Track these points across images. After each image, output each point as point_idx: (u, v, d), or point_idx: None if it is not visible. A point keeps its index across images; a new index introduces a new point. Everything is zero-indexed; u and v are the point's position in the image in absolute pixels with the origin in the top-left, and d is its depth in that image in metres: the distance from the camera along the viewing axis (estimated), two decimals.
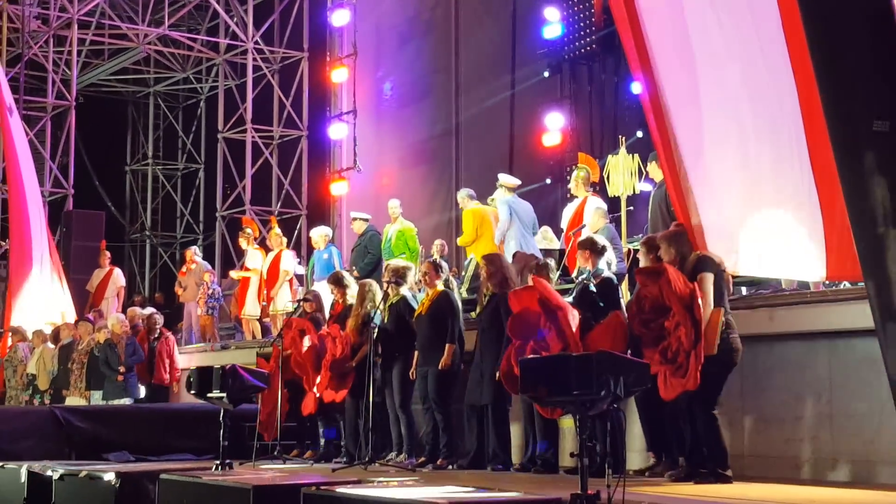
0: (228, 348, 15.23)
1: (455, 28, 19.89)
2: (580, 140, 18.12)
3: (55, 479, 8.74)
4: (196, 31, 24.70)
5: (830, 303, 7.92)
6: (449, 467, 9.21)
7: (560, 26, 17.83)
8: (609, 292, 8.24)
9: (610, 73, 17.84)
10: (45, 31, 22.29)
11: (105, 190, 26.43)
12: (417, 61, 20.41)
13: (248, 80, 22.70)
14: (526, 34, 18.70)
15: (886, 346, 3.62)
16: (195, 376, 9.43)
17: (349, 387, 9.99)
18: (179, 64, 25.75)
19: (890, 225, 3.54)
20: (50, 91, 22.22)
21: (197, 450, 10.66)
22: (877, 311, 3.60)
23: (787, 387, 8.00)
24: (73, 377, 14.54)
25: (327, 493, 6.63)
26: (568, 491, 5.80)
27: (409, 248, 13.57)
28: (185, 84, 26.95)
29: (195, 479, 7.75)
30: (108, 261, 17.79)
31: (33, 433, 10.50)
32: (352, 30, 20.66)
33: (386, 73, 21.00)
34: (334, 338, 10.11)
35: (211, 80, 25.84)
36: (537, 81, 18.57)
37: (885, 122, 3.52)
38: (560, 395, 5.94)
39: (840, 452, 7.63)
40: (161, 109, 28.07)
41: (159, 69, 26.13)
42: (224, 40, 23.72)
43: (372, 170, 20.31)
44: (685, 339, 7.21)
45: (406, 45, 20.59)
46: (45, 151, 22.34)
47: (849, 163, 3.65)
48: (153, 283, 27.24)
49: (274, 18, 23.10)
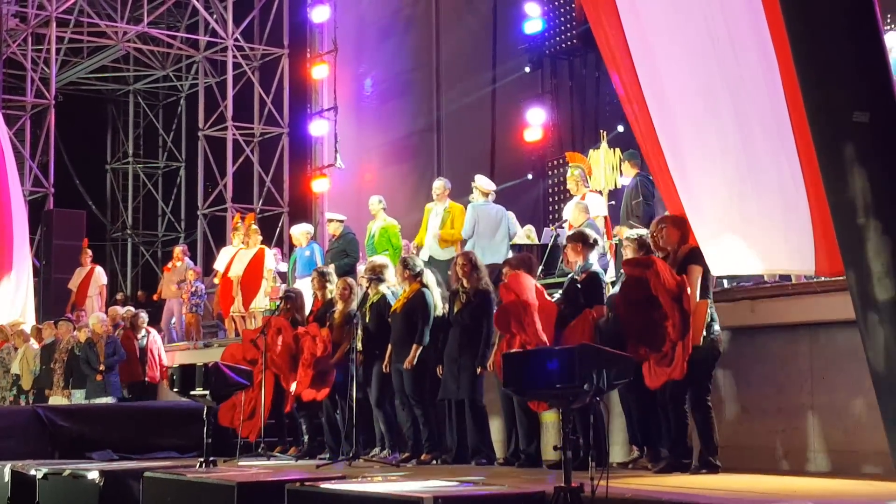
0: (212, 346, 15.21)
1: (436, 23, 19.89)
2: (562, 135, 18.15)
3: (39, 479, 8.73)
4: (175, 29, 24.63)
5: (811, 294, 7.95)
6: (433, 462, 9.22)
7: (541, 21, 17.85)
8: (592, 288, 8.22)
9: (591, 68, 17.86)
10: (23, 29, 22.19)
11: (86, 189, 26.32)
12: (398, 57, 20.40)
13: (229, 78, 22.65)
14: (507, 29, 18.71)
15: (867, 337, 3.64)
16: (178, 374, 9.42)
17: (330, 385, 10.00)
18: (159, 62, 25.68)
19: (870, 216, 3.56)
20: (29, 90, 22.12)
21: (181, 448, 10.64)
22: (857, 301, 3.62)
23: (768, 378, 8.03)
24: (55, 376, 14.52)
25: (311, 490, 6.63)
26: (551, 484, 5.81)
27: (393, 246, 13.53)
28: (165, 82, 26.88)
29: (179, 477, 7.75)
30: (89, 259, 17.73)
31: (16, 432, 10.48)
32: (332, 26, 20.63)
33: (367, 70, 20.99)
34: (314, 336, 10.12)
35: (191, 77, 25.77)
36: (518, 77, 18.58)
37: (864, 113, 3.53)
38: (543, 389, 5.96)
39: (822, 443, 7.68)
40: (141, 107, 28.00)
41: (139, 67, 26.05)
42: (204, 37, 23.66)
43: (354, 166, 20.29)
44: (672, 330, 7.24)
45: (386, 40, 20.58)
46: (25, 150, 22.25)
47: (829, 154, 3.66)
48: (135, 281, 27.18)
49: (254, 15, 23.04)
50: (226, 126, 22.58)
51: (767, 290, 8.31)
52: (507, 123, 18.34)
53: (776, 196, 7.11)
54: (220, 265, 15.78)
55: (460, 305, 9.15)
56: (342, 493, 6.41)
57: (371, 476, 7.62)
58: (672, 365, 7.26)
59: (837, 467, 7.50)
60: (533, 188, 17.75)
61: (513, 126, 18.13)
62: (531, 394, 6.62)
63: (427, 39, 20.00)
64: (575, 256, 8.43)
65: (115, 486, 8.15)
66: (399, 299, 9.70)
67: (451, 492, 6.09)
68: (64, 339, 14.66)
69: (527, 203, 17.28)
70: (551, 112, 17.93)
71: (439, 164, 19.22)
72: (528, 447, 8.60)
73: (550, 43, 18.06)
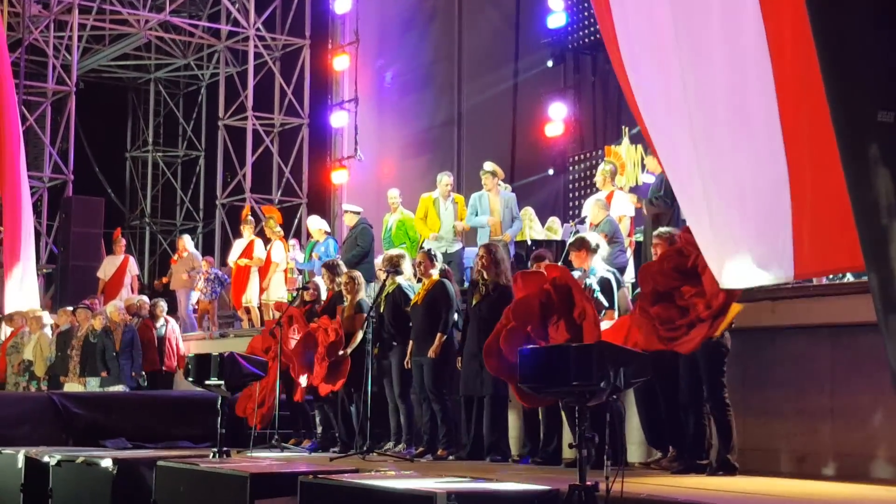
0: (227, 336, 15.25)
1: (458, 16, 19.86)
2: (583, 131, 18.12)
3: (52, 465, 8.76)
4: (197, 18, 24.67)
5: (833, 296, 7.93)
6: (449, 458, 9.21)
7: (564, 15, 17.81)
8: (608, 293, 8.27)
9: None
10: (45, 15, 22.26)
11: (105, 176, 26.42)
12: (420, 50, 20.38)
13: (250, 67, 22.68)
14: (529, 23, 18.68)
15: (889, 340, 3.61)
16: (193, 364, 9.43)
17: (345, 375, 10.01)
18: (180, 50, 25.73)
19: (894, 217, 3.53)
20: (50, 76, 22.20)
21: (194, 437, 10.68)
22: (879, 303, 3.59)
23: (788, 380, 8.00)
24: (71, 364, 14.58)
25: (324, 482, 6.63)
26: (567, 482, 5.80)
27: (410, 238, 13.58)
28: (186, 70, 26.93)
29: (192, 467, 7.76)
30: (122, 248, 17.76)
31: (31, 419, 10.53)
32: (354, 17, 20.65)
33: (388, 62, 20.98)
34: (325, 328, 10.13)
35: (212, 66, 25.81)
36: (541, 71, 18.54)
37: (890, 113, 3.51)
38: (559, 386, 5.94)
39: (841, 446, 7.64)
40: (162, 96, 28.05)
41: (160, 55, 26.11)
42: (225, 27, 23.69)
43: (373, 159, 20.30)
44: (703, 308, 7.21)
45: (408, 33, 20.57)
46: (45, 137, 22.34)
47: (852, 154, 3.63)
48: (152, 270, 27.22)
49: (276, 5, 23.06)
50: (246, 116, 22.61)
51: (788, 291, 8.26)
52: (529, 118, 18.31)
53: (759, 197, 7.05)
54: (233, 257, 15.89)
55: (479, 298, 9.13)
56: (355, 486, 6.40)
57: (384, 470, 7.63)
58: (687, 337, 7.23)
59: (857, 471, 7.46)
60: (553, 183, 17.72)
61: (534, 121, 18.10)
62: (547, 391, 6.60)
63: (449, 32, 19.98)
64: (579, 263, 8.46)
65: (128, 474, 8.17)
66: (419, 292, 9.68)
67: (464, 488, 6.08)
68: (82, 327, 14.71)
69: (547, 198, 17.26)
70: (573, 107, 17.89)
71: (459, 158, 19.20)
72: (548, 445, 8.58)
73: (574, 37, 18.01)
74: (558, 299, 8.02)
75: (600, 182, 12.19)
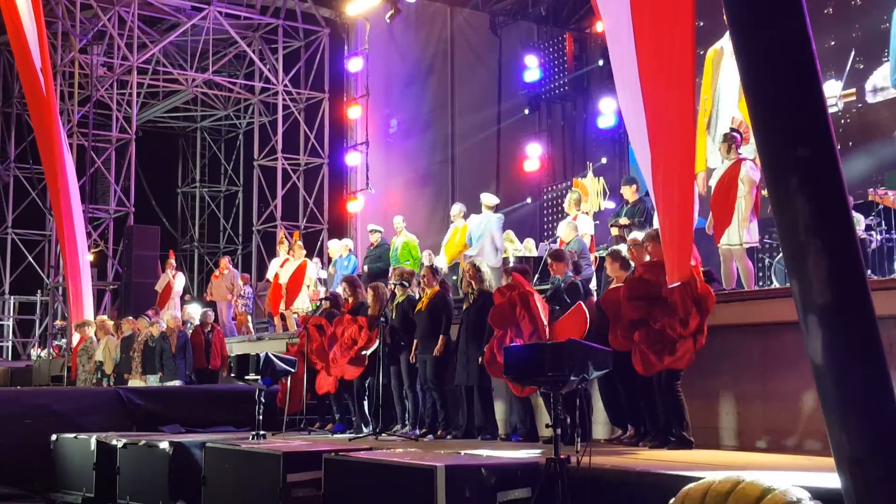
0: (263, 339, 15.23)
1: (451, 73, 19.94)
2: (555, 166, 18.20)
3: (119, 448, 8.73)
4: (235, 76, 24.71)
5: (763, 300, 7.94)
6: (447, 437, 9.21)
7: (538, 71, 17.93)
8: (574, 293, 8.32)
9: (580, 110, 17.94)
10: (109, 76, 22.28)
11: (160, 208, 26.45)
12: (420, 101, 20.45)
13: (279, 117, 22.74)
14: (510, 78, 18.79)
15: (808, 336, 3.62)
16: (235, 363, 9.43)
17: (364, 365, 10.03)
18: (222, 103, 25.77)
19: (811, 234, 3.56)
20: (114, 126, 22.20)
21: (237, 423, 10.64)
22: (800, 304, 3.60)
23: (726, 370, 8.00)
24: (133, 363, 14.55)
25: (344, 458, 6.62)
26: (544, 456, 5.80)
27: (413, 257, 13.61)
28: (227, 120, 26.98)
29: (235, 447, 7.74)
30: (172, 268, 17.76)
31: (101, 410, 10.48)
32: (365, 74, 20.71)
33: (393, 111, 21.03)
34: (361, 327, 10.10)
35: (248, 116, 25.85)
36: (519, 118, 18.65)
37: (806, 148, 3.54)
38: (536, 377, 5.96)
39: (771, 424, 7.64)
40: (206, 141, 28.11)
41: (205, 108, 26.16)
42: (258, 83, 23.73)
43: (382, 191, 20.33)
44: (680, 327, 7.17)
45: (410, 87, 20.63)
46: (111, 176, 22.35)
47: (777, 183, 3.65)
48: (200, 286, 27.21)
49: (300, 65, 23.11)
50: (276, 157, 22.65)
51: (726, 297, 8.28)
52: (510, 156, 18.39)
53: None
54: (270, 274, 15.86)
55: (468, 305, 9.19)
56: (370, 461, 6.40)
57: (394, 448, 7.61)
58: (676, 354, 7.21)
59: (785, 445, 7.46)
60: (531, 210, 17.76)
61: (514, 158, 18.18)
62: (527, 381, 6.61)
63: (444, 86, 20.04)
64: (556, 270, 8.54)
65: (182, 454, 8.15)
66: (422, 300, 9.69)
67: (461, 462, 6.08)
68: (142, 333, 14.69)
69: (525, 222, 17.29)
70: (546, 146, 17.99)
71: (453, 190, 19.24)
72: (525, 425, 8.60)
73: (546, 89, 18.12)
74: (520, 303, 8.14)
75: (567, 207, 12.22)
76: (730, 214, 8.89)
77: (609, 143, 16.82)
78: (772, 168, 3.62)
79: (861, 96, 12.61)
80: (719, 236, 9.01)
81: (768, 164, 3.64)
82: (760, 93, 3.60)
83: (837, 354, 3.51)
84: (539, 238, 15.53)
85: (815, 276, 3.51)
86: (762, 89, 3.61)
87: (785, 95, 3.57)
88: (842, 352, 3.51)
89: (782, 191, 3.57)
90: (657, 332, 7.30)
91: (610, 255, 8.18)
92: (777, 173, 3.59)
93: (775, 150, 3.60)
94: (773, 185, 3.63)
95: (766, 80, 3.59)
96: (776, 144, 3.59)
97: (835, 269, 3.50)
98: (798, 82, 3.56)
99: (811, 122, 3.55)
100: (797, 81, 3.56)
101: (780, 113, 3.58)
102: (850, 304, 3.51)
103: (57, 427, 9.75)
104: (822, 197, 3.53)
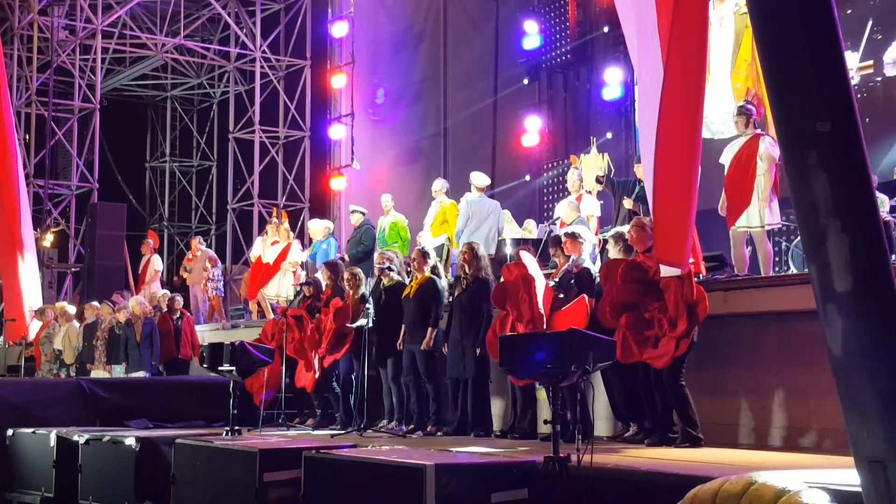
0: (238, 327, 15.24)
1: (444, 39, 19.88)
2: (556, 141, 18.17)
3: (81, 444, 8.74)
4: (209, 41, 24.62)
5: (779, 286, 7.96)
6: (437, 434, 9.23)
7: (538, 38, 17.87)
8: (584, 281, 8.29)
9: (583, 81, 17.89)
10: (72, 40, 22.20)
11: (127, 184, 26.33)
12: (409, 69, 20.38)
13: (256, 86, 22.67)
14: (508, 45, 18.73)
15: (826, 325, 3.63)
16: (207, 352, 9.44)
17: (347, 347, 10.04)
18: (194, 71, 25.68)
19: (830, 216, 3.56)
20: (77, 95, 22.14)
21: (209, 418, 10.65)
22: (818, 292, 3.62)
23: (739, 362, 8.03)
24: (97, 353, 14.55)
25: (326, 456, 6.64)
26: (542, 454, 5.82)
27: (402, 238, 13.61)
28: (200, 89, 26.88)
29: (207, 444, 7.76)
30: (149, 249, 17.74)
31: (61, 403, 10.47)
32: (350, 40, 20.59)
33: (381, 80, 20.97)
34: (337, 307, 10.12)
35: (223, 85, 25.75)
36: (518, 88, 18.62)
37: (826, 123, 3.54)
38: (535, 369, 5.96)
39: (787, 420, 7.68)
40: (177, 112, 27.99)
41: (176, 75, 26.05)
42: (234, 49, 23.65)
43: (368, 167, 20.28)
44: (667, 324, 7.24)
45: (399, 54, 20.57)
46: (73, 149, 22.30)
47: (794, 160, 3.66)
48: (170, 268, 27.15)
49: (279, 30, 23.03)
50: (253, 129, 22.59)
51: (739, 283, 8.31)
52: (507, 130, 18.37)
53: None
54: (254, 253, 15.86)
55: (461, 290, 9.17)
56: (354, 459, 6.42)
57: (380, 445, 7.63)
58: (657, 351, 7.27)
59: (800, 442, 7.50)
60: (529, 188, 17.76)
61: (512, 132, 18.16)
62: (524, 373, 6.63)
63: (436, 54, 19.99)
64: (570, 252, 8.48)
65: (149, 451, 8.17)
66: (411, 285, 9.68)
67: (452, 460, 6.10)
68: (106, 320, 14.69)
69: (523, 201, 17.31)
70: (547, 120, 17.95)
71: (445, 167, 19.22)
72: (523, 421, 8.62)
73: (547, 58, 18.09)
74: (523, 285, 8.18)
75: (571, 187, 12.23)
76: (748, 194, 8.90)
77: (615, 116, 16.79)
78: (789, 144, 3.63)
79: (879, 69, 12.62)
80: (734, 218, 9.01)
81: (785, 139, 3.64)
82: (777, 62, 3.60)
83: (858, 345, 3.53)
84: (538, 219, 15.54)
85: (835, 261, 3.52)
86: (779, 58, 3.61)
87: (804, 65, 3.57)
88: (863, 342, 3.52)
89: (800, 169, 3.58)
90: (646, 321, 7.39)
91: (613, 237, 8.19)
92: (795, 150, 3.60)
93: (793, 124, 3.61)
94: (790, 163, 3.64)
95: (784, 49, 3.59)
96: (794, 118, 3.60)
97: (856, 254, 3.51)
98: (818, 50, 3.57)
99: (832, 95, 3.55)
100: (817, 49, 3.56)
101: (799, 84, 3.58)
102: (872, 292, 3.52)
103: (13, 421, 9.73)
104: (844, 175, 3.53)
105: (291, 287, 14.87)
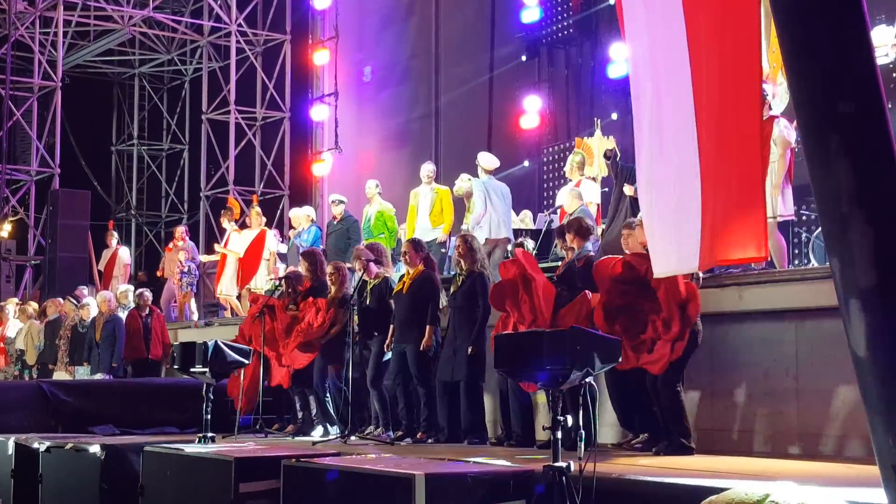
0: (212, 325, 15.22)
1: (435, 12, 19.84)
2: (557, 123, 18.15)
3: (42, 452, 8.73)
4: (180, 14, 24.56)
5: (798, 281, 7.97)
6: (428, 441, 9.23)
7: (538, 10, 17.82)
8: (588, 275, 8.27)
9: (587, 57, 17.86)
10: (31, 12, 22.14)
11: (91, 169, 26.30)
12: (398, 45, 20.36)
13: (232, 62, 22.61)
14: (504, 18, 18.69)
15: (849, 323, 3.63)
16: (179, 352, 9.43)
17: (317, 352, 10.06)
18: (164, 46, 25.63)
19: (854, 205, 3.56)
20: (36, 72, 22.09)
21: (181, 423, 10.66)
22: (840, 287, 3.61)
23: (755, 363, 8.04)
24: (59, 353, 14.54)
25: (307, 465, 6.63)
26: (541, 463, 5.82)
27: (388, 229, 13.55)
28: (170, 66, 26.83)
29: (178, 452, 7.75)
30: (114, 240, 17.72)
31: (21, 406, 10.49)
32: (333, 13, 20.58)
33: (367, 56, 20.94)
34: (318, 309, 10.11)
35: (195, 61, 25.72)
36: (515, 65, 18.57)
37: (849, 104, 3.53)
38: (533, 370, 5.95)
39: (806, 427, 7.69)
40: (146, 90, 27.95)
41: (144, 51, 26.00)
42: (208, 23, 23.60)
43: (353, 151, 20.27)
44: (661, 326, 7.25)
45: (387, 28, 20.54)
46: (32, 131, 22.26)
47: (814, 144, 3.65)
48: (138, 261, 27.12)
49: (257, 1, 23.01)
50: (229, 110, 22.54)
51: (755, 277, 8.31)
52: (504, 111, 18.32)
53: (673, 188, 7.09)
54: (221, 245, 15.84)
55: (456, 288, 9.16)
56: (338, 468, 6.41)
57: (365, 453, 7.63)
58: (652, 356, 7.28)
59: (822, 450, 7.51)
60: (528, 174, 17.74)
61: (509, 113, 18.11)
62: (522, 375, 6.63)
63: (426, 28, 19.95)
64: (571, 243, 8.47)
65: (116, 459, 8.16)
66: (403, 280, 9.65)
67: (444, 470, 6.10)
68: (69, 317, 14.66)
69: (522, 189, 17.26)
70: (547, 100, 17.91)
71: (437, 150, 19.21)
72: (520, 427, 8.62)
73: (547, 32, 18.05)
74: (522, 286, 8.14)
75: (569, 171, 12.22)
76: None
77: (620, 95, 16.74)
78: (809, 127, 3.62)
79: None
80: None
81: (805, 122, 3.64)
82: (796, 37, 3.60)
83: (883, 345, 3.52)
84: (537, 207, 15.53)
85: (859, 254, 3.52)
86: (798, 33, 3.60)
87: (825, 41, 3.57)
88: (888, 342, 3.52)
89: (821, 154, 3.57)
90: (641, 323, 7.42)
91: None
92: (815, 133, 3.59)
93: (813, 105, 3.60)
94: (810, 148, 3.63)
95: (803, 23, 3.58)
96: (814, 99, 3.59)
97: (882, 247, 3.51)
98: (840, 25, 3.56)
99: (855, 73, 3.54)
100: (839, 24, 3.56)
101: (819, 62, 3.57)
102: None
103: None
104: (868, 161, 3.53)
105: (267, 280, 14.86)
